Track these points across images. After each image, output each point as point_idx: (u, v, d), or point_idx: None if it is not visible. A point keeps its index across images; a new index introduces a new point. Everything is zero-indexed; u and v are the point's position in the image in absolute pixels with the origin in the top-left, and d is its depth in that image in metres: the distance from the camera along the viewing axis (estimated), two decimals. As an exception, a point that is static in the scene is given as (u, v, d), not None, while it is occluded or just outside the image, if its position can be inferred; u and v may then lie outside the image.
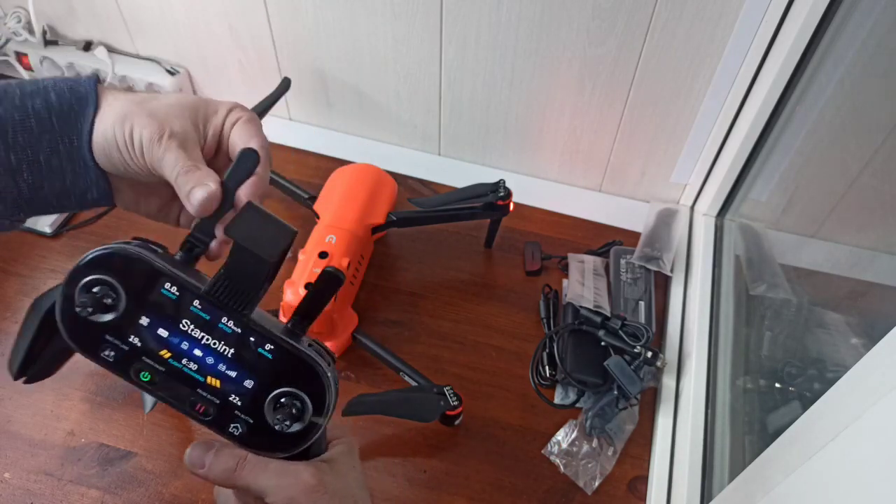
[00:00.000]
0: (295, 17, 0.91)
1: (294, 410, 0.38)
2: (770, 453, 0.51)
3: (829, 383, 0.44)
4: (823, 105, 0.77)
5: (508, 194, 0.85)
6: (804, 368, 0.70)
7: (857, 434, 0.40)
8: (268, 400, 0.38)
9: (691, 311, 0.86)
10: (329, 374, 0.38)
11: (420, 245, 0.93)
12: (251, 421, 0.39)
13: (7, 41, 1.03)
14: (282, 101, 1.00)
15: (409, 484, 0.72)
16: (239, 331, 0.38)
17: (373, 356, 0.80)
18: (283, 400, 0.38)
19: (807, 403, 0.46)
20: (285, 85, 0.96)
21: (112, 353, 0.38)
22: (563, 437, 0.75)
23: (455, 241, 0.94)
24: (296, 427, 0.39)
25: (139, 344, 0.38)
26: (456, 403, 0.73)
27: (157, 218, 0.48)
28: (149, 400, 0.71)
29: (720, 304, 0.85)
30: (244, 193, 0.42)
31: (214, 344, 0.38)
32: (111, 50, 1.05)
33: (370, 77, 0.96)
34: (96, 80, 0.42)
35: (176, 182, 0.41)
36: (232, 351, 0.38)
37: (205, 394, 0.38)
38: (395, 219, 0.86)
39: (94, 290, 0.37)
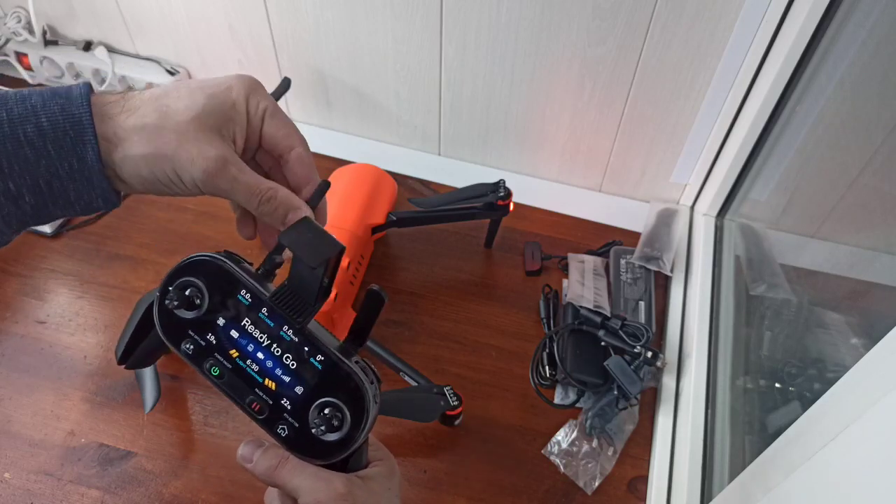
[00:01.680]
0: (295, 17, 0.91)
1: (334, 421, 0.41)
2: (770, 453, 0.51)
3: (829, 383, 0.44)
4: (823, 105, 0.77)
5: (508, 194, 0.85)
6: (804, 368, 0.70)
7: (857, 434, 0.40)
8: (312, 407, 0.41)
9: (691, 311, 0.86)
10: (370, 392, 0.41)
11: (420, 245, 0.93)
12: (296, 425, 0.41)
13: (7, 41, 1.03)
14: (282, 101, 1.00)
15: (409, 484, 0.72)
16: (296, 339, 0.41)
17: (373, 356, 0.80)
18: (326, 410, 0.41)
19: (807, 403, 0.46)
20: (285, 85, 0.96)
21: (191, 347, 0.42)
22: (563, 437, 0.75)
23: (455, 241, 0.94)
24: (334, 436, 0.41)
25: (214, 342, 0.42)
26: (456, 403, 0.73)
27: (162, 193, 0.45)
28: (149, 400, 0.71)
29: (720, 304, 0.85)
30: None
31: (275, 349, 0.41)
32: (111, 50, 1.05)
33: (370, 77, 0.96)
34: (88, 93, 0.39)
35: (258, 210, 0.42)
36: (288, 357, 0.41)
37: (261, 394, 0.42)
38: (395, 219, 0.86)
39: (185, 290, 0.41)
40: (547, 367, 0.80)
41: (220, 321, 0.42)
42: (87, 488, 0.70)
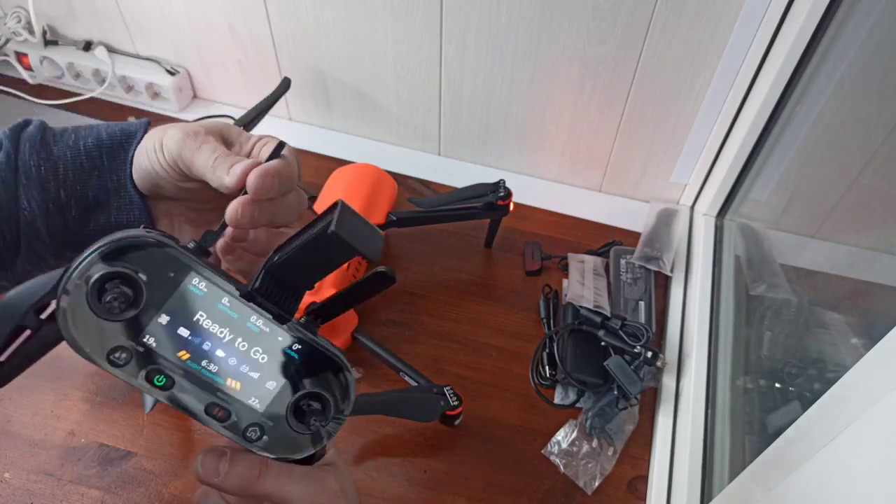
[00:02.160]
0: (295, 17, 0.91)
1: (317, 411, 0.37)
2: (770, 453, 0.51)
3: (829, 383, 0.44)
4: (823, 105, 0.77)
5: (508, 194, 0.85)
6: (804, 368, 0.70)
7: (857, 434, 0.40)
8: (290, 402, 0.37)
9: (691, 311, 0.86)
10: (351, 370, 0.38)
11: (420, 245, 0.93)
12: (271, 424, 0.37)
13: (7, 41, 1.03)
14: (282, 101, 1.00)
15: (409, 484, 0.72)
16: (267, 330, 0.36)
17: (373, 356, 0.80)
18: (309, 401, 0.37)
19: (807, 403, 0.46)
20: (285, 85, 0.96)
21: (123, 356, 0.33)
22: (563, 437, 0.75)
23: (455, 241, 0.94)
24: (313, 429, 0.37)
25: (154, 345, 0.34)
26: (456, 403, 0.73)
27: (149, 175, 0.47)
28: (149, 400, 0.71)
29: (720, 304, 0.85)
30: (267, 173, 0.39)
31: (240, 344, 0.35)
32: (111, 50, 1.05)
33: (370, 77, 0.96)
34: (148, 122, 0.44)
35: (213, 166, 0.39)
36: (258, 351, 0.36)
37: (223, 397, 0.36)
38: (395, 219, 0.86)
39: (109, 285, 0.32)
40: (547, 367, 0.80)
41: (163, 319, 0.33)
42: (87, 488, 0.70)
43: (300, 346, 0.37)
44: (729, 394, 0.77)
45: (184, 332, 0.34)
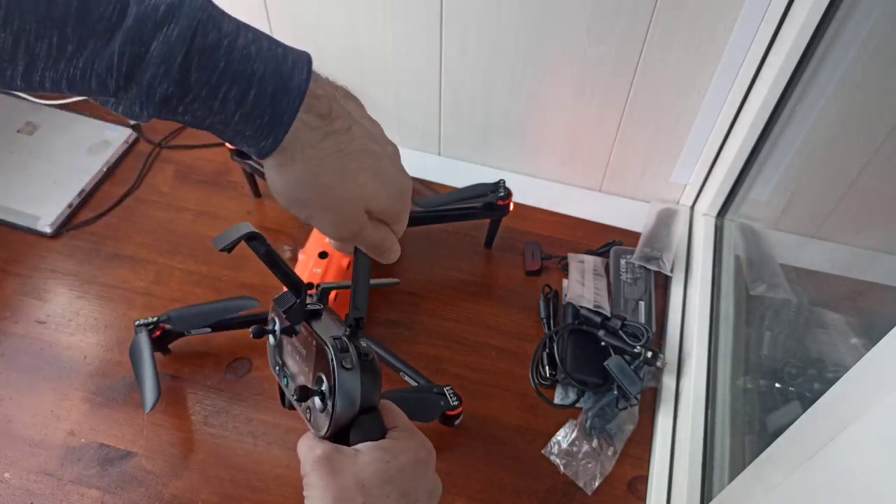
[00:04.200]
0: (295, 18, 0.91)
1: (321, 393, 0.45)
2: (770, 453, 0.51)
3: (829, 383, 0.44)
4: (823, 105, 0.77)
5: (508, 194, 0.85)
6: (804, 368, 0.70)
7: (857, 434, 0.40)
8: (315, 377, 0.46)
9: (691, 311, 0.86)
10: (335, 361, 0.44)
11: (420, 245, 0.93)
12: (306, 387, 0.46)
13: (7, 41, 1.03)
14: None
15: (409, 484, 0.72)
16: (305, 333, 0.48)
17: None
18: (321, 386, 0.45)
19: (807, 403, 0.46)
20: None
21: (277, 368, 0.53)
22: (563, 437, 0.75)
23: (455, 241, 0.94)
24: (320, 405, 0.45)
25: (285, 360, 0.52)
26: (456, 403, 0.73)
27: None
28: (149, 400, 0.71)
29: (720, 304, 0.85)
30: None
31: (301, 347, 0.49)
32: (111, 50, 1.05)
33: (370, 77, 0.96)
34: (302, 93, 0.38)
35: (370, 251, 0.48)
36: (304, 352, 0.49)
37: (287, 370, 0.51)
38: (395, 219, 0.86)
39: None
40: (547, 367, 0.80)
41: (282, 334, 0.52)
42: (87, 488, 0.70)
43: (315, 342, 0.47)
44: (729, 394, 0.77)
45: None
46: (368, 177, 0.42)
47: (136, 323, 0.75)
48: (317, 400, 0.45)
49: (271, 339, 0.53)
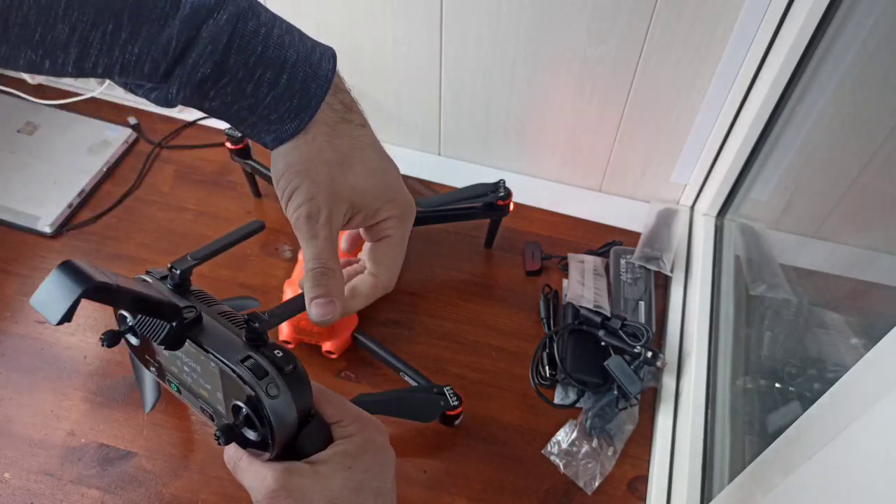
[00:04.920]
0: (295, 18, 0.91)
1: (246, 418, 0.40)
2: (770, 453, 0.51)
3: (829, 383, 0.44)
4: (823, 105, 0.77)
5: (508, 194, 0.85)
6: (804, 368, 0.70)
7: (857, 434, 0.40)
8: (229, 410, 0.42)
9: (691, 311, 0.86)
10: (259, 391, 0.39)
11: (420, 245, 0.93)
12: (231, 425, 0.42)
13: (7, 41, 1.03)
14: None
15: (408, 484, 0.72)
16: (192, 348, 0.41)
17: (373, 356, 0.80)
18: (240, 411, 0.41)
19: (807, 403, 0.46)
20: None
21: (153, 369, 0.47)
22: (563, 437, 0.75)
23: (455, 241, 0.94)
24: (252, 434, 0.41)
25: (161, 361, 0.46)
26: (456, 403, 0.73)
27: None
28: (149, 400, 0.71)
29: (720, 304, 0.85)
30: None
31: (192, 363, 0.43)
32: (111, 50, 1.05)
33: (370, 77, 0.96)
34: (329, 81, 0.40)
35: (307, 273, 0.41)
36: (198, 368, 0.42)
37: (202, 401, 0.44)
38: (395, 219, 0.86)
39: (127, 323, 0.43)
40: (547, 367, 0.80)
41: (158, 348, 0.44)
42: (87, 488, 0.70)
43: (213, 364, 0.41)
44: (729, 394, 0.77)
45: (166, 352, 0.44)
46: (368, 171, 0.43)
47: (136, 323, 0.75)
48: (248, 432, 0.41)
49: (132, 338, 0.45)
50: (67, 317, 0.32)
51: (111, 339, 0.41)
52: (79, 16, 0.32)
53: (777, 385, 0.73)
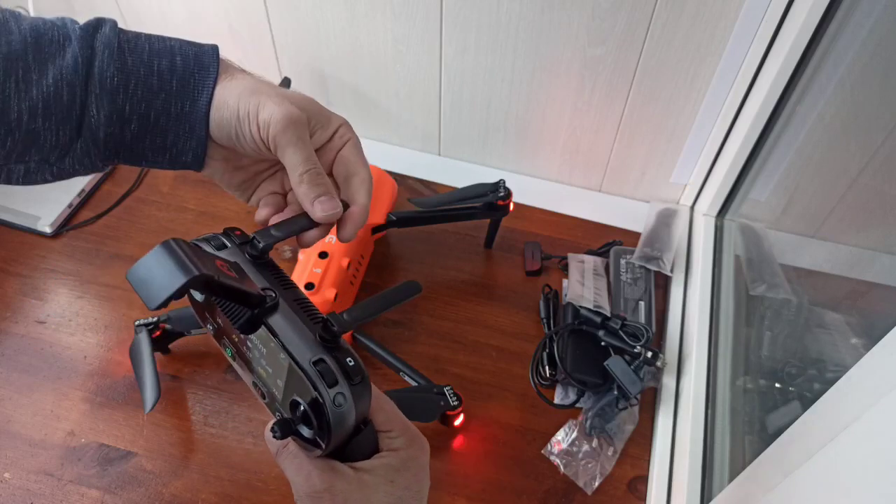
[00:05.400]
0: (295, 17, 0.91)
1: (304, 416, 0.39)
2: (770, 453, 0.51)
3: (829, 383, 0.44)
4: (823, 105, 0.77)
5: (508, 194, 0.85)
6: (804, 368, 0.70)
7: (857, 434, 0.40)
8: (288, 403, 0.40)
9: (691, 311, 0.86)
10: (326, 399, 0.38)
11: (420, 245, 0.93)
12: (286, 414, 0.40)
13: (7, 41, 1.03)
14: (282, 101, 1.00)
15: (409, 484, 0.72)
16: (264, 333, 0.40)
17: (373, 356, 0.80)
18: (298, 408, 0.39)
19: (807, 403, 0.46)
20: (285, 85, 0.96)
21: (211, 328, 0.44)
22: (563, 437, 0.75)
23: (455, 241, 0.94)
24: (309, 432, 0.40)
25: (221, 324, 0.43)
26: (456, 403, 0.73)
27: (233, 191, 0.50)
28: (149, 400, 0.71)
29: (720, 304, 0.85)
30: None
31: (260, 345, 0.41)
32: (111, 50, 1.05)
33: (370, 77, 0.96)
34: (218, 50, 0.45)
35: (300, 178, 0.43)
36: (264, 351, 0.40)
37: (258, 379, 0.42)
38: (395, 219, 0.86)
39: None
40: (547, 367, 0.80)
41: (219, 310, 0.42)
42: (87, 488, 0.70)
43: (283, 356, 0.40)
44: (729, 394, 0.77)
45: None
46: (300, 95, 0.46)
47: (137, 323, 0.75)
48: (303, 428, 0.40)
49: (196, 294, 0.43)
50: (165, 305, 0.32)
51: (179, 293, 0.34)
52: None
53: (777, 385, 0.73)
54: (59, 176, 0.44)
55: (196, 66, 0.43)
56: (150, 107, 0.42)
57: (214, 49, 0.44)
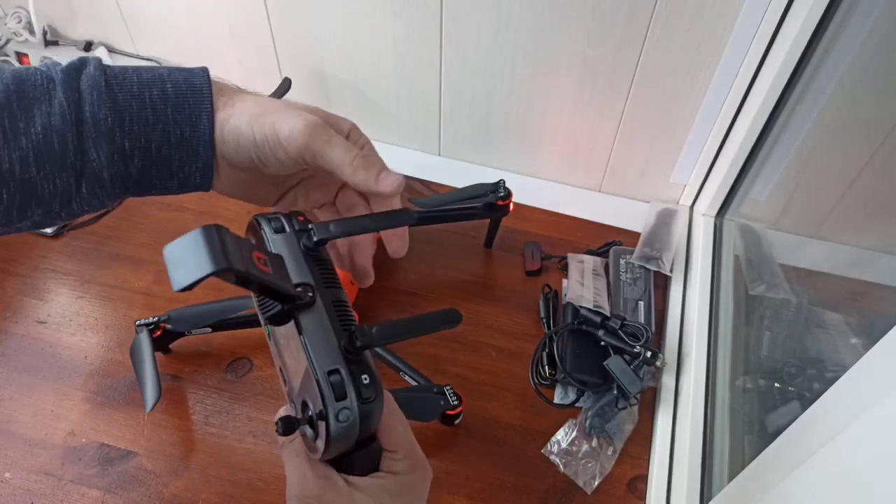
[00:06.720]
0: (295, 17, 0.91)
1: (309, 420, 0.39)
2: (769, 453, 0.51)
3: (829, 383, 0.44)
4: (823, 105, 0.77)
5: (508, 194, 0.85)
6: (804, 368, 0.70)
7: (856, 434, 0.40)
8: (300, 400, 0.40)
9: (691, 311, 0.86)
10: (329, 411, 0.38)
11: (420, 245, 0.93)
12: (297, 409, 0.41)
13: (7, 41, 1.03)
14: (282, 101, 1.00)
15: (409, 484, 0.72)
16: (294, 329, 0.40)
17: (373, 356, 0.80)
18: (307, 408, 0.40)
19: (807, 403, 0.46)
20: (285, 85, 0.96)
21: (255, 300, 0.43)
22: (563, 436, 0.75)
23: (455, 241, 0.94)
24: (309, 433, 0.40)
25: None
26: (456, 403, 0.73)
27: (255, 202, 0.50)
28: (149, 400, 0.71)
29: (720, 304, 0.85)
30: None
31: (287, 332, 0.41)
32: (111, 50, 1.05)
33: (370, 77, 0.96)
34: (208, 71, 0.44)
35: (352, 166, 0.44)
36: (292, 344, 0.41)
37: (283, 366, 0.42)
38: (395, 219, 0.86)
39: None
40: (547, 367, 0.80)
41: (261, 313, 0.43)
42: (88, 488, 0.70)
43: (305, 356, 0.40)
44: (728, 393, 0.77)
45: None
46: (303, 106, 0.46)
47: (137, 323, 0.75)
48: (306, 429, 0.40)
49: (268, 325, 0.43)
50: (189, 289, 0.32)
51: (204, 280, 0.36)
52: None
53: (776, 385, 0.73)
54: (70, 218, 0.43)
55: (188, 90, 0.42)
56: (149, 139, 0.42)
57: (204, 70, 0.44)
